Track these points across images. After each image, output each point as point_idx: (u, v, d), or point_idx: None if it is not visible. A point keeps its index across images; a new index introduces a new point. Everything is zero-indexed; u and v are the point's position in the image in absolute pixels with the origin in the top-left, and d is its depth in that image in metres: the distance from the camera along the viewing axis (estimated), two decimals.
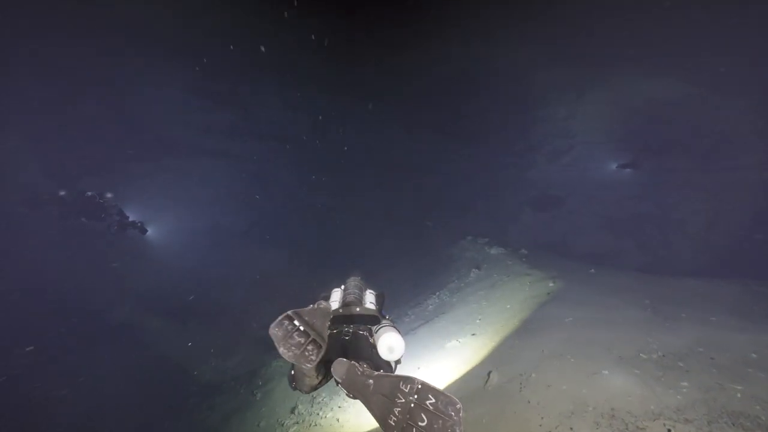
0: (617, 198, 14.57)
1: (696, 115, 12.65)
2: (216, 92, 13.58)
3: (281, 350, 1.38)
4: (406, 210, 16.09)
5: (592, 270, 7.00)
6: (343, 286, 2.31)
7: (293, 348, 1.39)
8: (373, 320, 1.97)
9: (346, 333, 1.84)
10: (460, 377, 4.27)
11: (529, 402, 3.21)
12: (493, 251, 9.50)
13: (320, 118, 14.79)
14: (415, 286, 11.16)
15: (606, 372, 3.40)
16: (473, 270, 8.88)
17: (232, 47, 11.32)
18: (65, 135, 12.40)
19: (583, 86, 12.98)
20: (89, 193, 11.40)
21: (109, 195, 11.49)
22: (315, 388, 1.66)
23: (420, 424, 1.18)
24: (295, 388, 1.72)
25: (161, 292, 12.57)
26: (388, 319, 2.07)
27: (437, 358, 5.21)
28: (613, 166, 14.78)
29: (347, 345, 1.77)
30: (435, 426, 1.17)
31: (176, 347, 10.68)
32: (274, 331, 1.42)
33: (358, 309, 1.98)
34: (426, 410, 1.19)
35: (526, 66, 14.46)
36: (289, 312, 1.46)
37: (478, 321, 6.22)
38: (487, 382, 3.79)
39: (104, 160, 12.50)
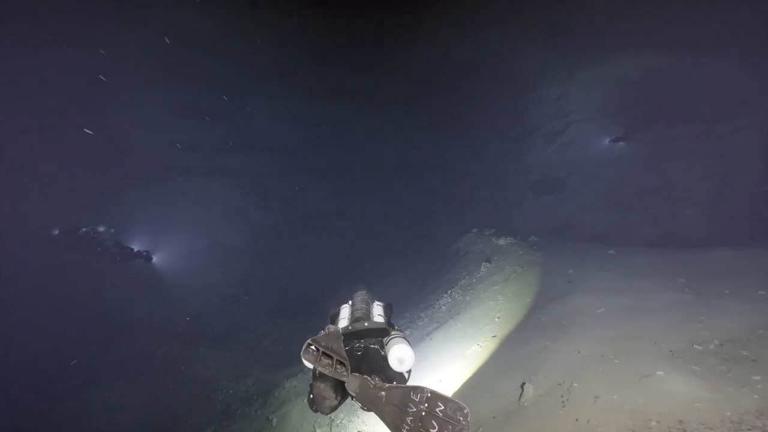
0: (620, 173, 14.01)
1: (692, 81, 12.06)
2: (201, 109, 13.07)
3: (319, 369, 1.52)
4: (406, 209, 15.56)
5: (612, 251, 6.45)
6: (350, 302, 2.30)
7: (327, 368, 1.51)
8: (382, 332, 1.98)
9: (358, 348, 1.87)
10: (486, 389, 3.74)
11: (577, 420, 2.67)
12: (502, 242, 8.95)
13: (309, 126, 14.27)
14: (424, 286, 10.62)
15: (661, 373, 2.85)
16: (484, 264, 8.33)
17: (167, 41, 10.41)
18: (50, 168, 11.93)
19: (574, 63, 12.41)
20: (83, 230, 10.96)
21: (101, 228, 11.06)
22: (335, 408, 1.69)
23: (431, 430, 1.25)
24: (316, 411, 1.74)
25: (168, 318, 12.07)
26: (397, 329, 2.08)
27: (458, 367, 4.67)
28: (606, 141, 14.25)
29: (360, 360, 1.78)
30: (445, 431, 1.23)
31: (188, 374, 10.17)
32: (306, 356, 1.55)
33: (366, 324, 1.97)
34: (436, 417, 1.26)
35: (514, 49, 13.93)
36: (309, 340, 1.57)
37: (497, 320, 5.68)
38: (521, 396, 3.25)
39: (93, 191, 12.00)
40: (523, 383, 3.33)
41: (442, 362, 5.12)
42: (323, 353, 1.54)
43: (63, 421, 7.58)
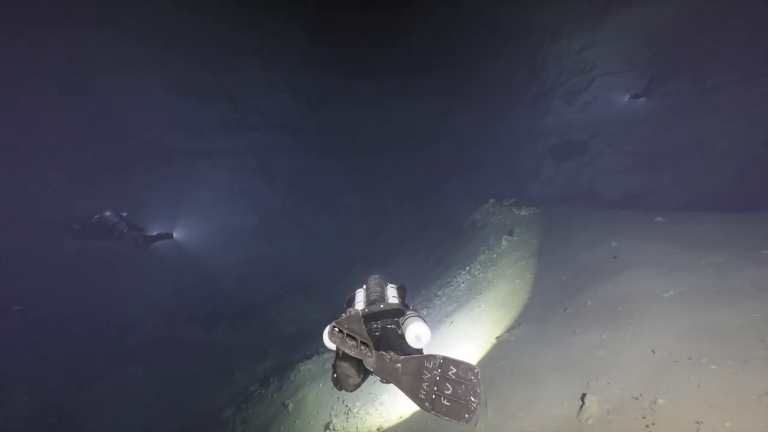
0: (649, 131, 12.54)
1: (737, 24, 10.33)
2: (199, 88, 12.09)
3: (345, 350, 1.54)
4: (417, 182, 14.55)
5: (659, 218, 5.43)
6: (365, 286, 2.29)
7: (353, 349, 1.53)
8: (398, 313, 1.95)
9: (376, 329, 1.87)
10: (531, 394, 2.96)
11: None
12: (524, 212, 7.96)
13: (310, 99, 13.17)
14: (439, 261, 9.83)
15: None
16: (505, 237, 7.42)
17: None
18: (54, 156, 11.33)
19: (603, 4, 10.77)
20: (96, 216, 10.47)
21: (108, 213, 10.52)
22: (358, 385, 1.70)
23: (446, 392, 1.32)
24: (340, 389, 1.73)
25: (184, 303, 11.74)
26: (411, 309, 2.03)
27: (488, 362, 3.90)
28: (626, 97, 12.71)
29: (379, 340, 1.78)
30: (459, 391, 1.31)
31: (206, 357, 9.88)
32: (332, 339, 1.58)
33: (382, 306, 1.96)
34: (449, 380, 1.33)
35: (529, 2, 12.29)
36: (333, 323, 1.60)
37: (527, 301, 4.85)
38: (581, 410, 2.46)
39: (98, 178, 11.40)
40: (584, 395, 2.53)
41: (469, 353, 4.37)
42: (347, 335, 1.56)
43: (84, 408, 7.36)
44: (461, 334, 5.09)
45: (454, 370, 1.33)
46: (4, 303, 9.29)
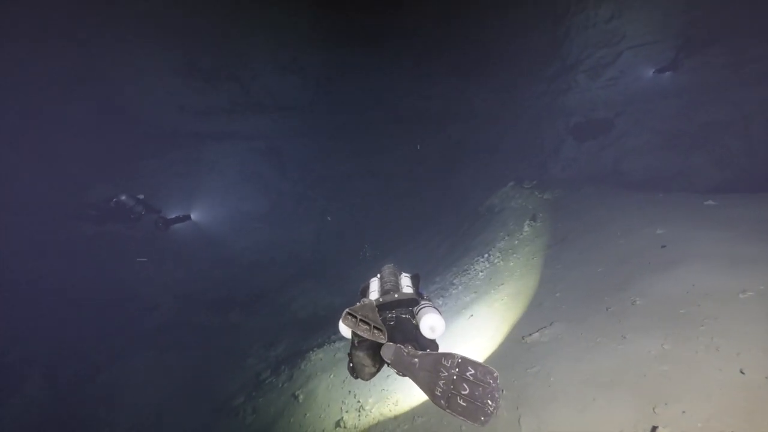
0: (680, 107, 11.41)
1: None
2: (205, 69, 11.48)
3: (359, 333, 1.54)
4: (431, 164, 13.80)
5: (711, 201, 4.68)
6: (379, 275, 2.19)
7: (366, 332, 1.52)
8: (412, 302, 1.88)
9: (390, 319, 1.81)
10: (574, 420, 2.41)
11: None
12: (548, 196, 7.23)
13: (319, 79, 12.41)
14: (455, 246, 9.24)
15: None
16: (527, 223, 6.75)
17: None
18: (63, 142, 11.06)
19: None
20: (114, 201, 10.24)
21: (123, 197, 10.26)
22: (373, 374, 1.67)
23: (463, 392, 1.27)
24: (356, 377, 1.71)
25: (198, 287, 11.58)
26: (426, 298, 1.97)
27: (517, 367, 3.35)
28: (650, 72, 11.49)
29: (393, 329, 1.72)
30: (476, 393, 1.26)
31: (219, 342, 9.72)
32: (345, 322, 1.55)
33: (396, 295, 1.90)
34: (467, 380, 1.28)
35: None
36: (347, 310, 1.58)
37: (557, 295, 4.25)
38: None
39: (107, 163, 11.10)
40: (654, 428, 1.97)
41: (492, 353, 3.84)
42: (361, 320, 1.53)
43: (98, 394, 7.27)
44: (482, 329, 4.56)
45: (473, 372, 1.29)
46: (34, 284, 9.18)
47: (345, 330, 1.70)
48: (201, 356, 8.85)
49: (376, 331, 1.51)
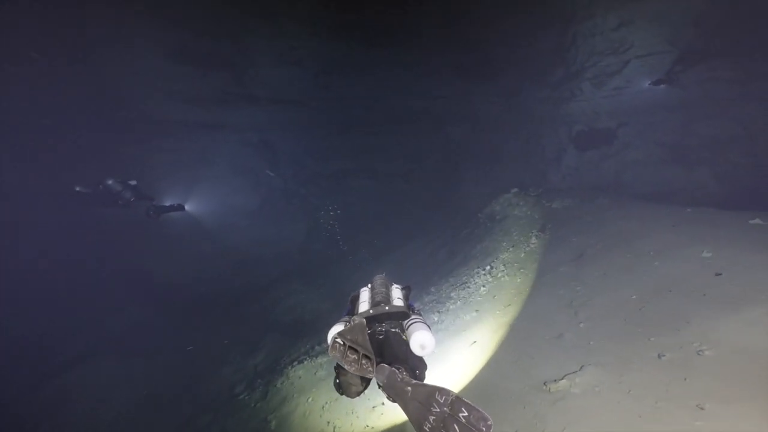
0: (686, 120, 10.72)
1: None
2: (198, 54, 10.44)
3: (345, 367, 1.43)
4: (429, 165, 12.94)
5: (757, 220, 3.89)
6: (370, 285, 2.07)
7: (353, 364, 1.43)
8: (402, 316, 1.80)
9: (380, 332, 1.72)
10: None
11: None
12: (557, 205, 6.39)
13: (318, 73, 11.46)
14: (453, 254, 8.36)
15: None
16: (534, 233, 5.91)
17: None
18: (45, 126, 9.96)
19: None
20: (101, 186, 9.20)
21: (110, 181, 9.22)
22: (360, 393, 1.61)
23: None
24: (342, 394, 1.63)
25: (176, 284, 10.51)
26: (416, 312, 1.88)
27: (539, 429, 2.46)
28: (646, 83, 10.87)
29: (382, 344, 1.66)
30: None
31: (194, 347, 8.68)
32: (333, 353, 1.46)
33: (387, 308, 1.80)
34: (458, 422, 1.17)
35: None
36: (335, 335, 1.49)
37: (581, 326, 3.40)
38: None
39: (92, 147, 10.00)
40: None
41: (506, 405, 2.94)
42: (349, 347, 1.44)
43: (43, 405, 6.19)
44: (487, 362, 3.67)
45: (465, 414, 1.16)
46: None
47: (335, 359, 1.51)
48: (171, 363, 7.80)
49: (364, 362, 1.43)
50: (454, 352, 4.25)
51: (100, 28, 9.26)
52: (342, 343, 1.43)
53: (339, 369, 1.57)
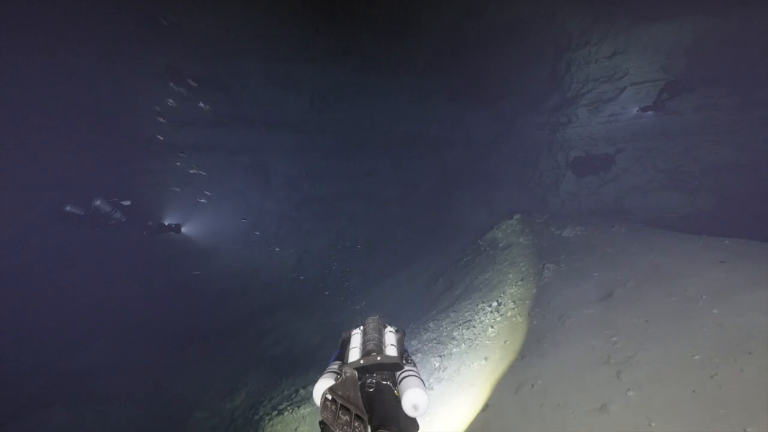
0: (686, 146, 10.31)
1: None
2: (191, 76, 10.00)
3: (337, 430, 1.32)
4: (425, 190, 12.29)
5: None
6: (362, 327, 1.87)
7: (345, 427, 1.31)
8: (395, 367, 1.64)
9: (370, 385, 1.57)
10: None
11: None
12: (568, 233, 5.65)
13: (314, 96, 11.05)
14: (452, 285, 7.49)
15: None
16: (546, 265, 5.12)
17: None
18: (34, 144, 9.27)
19: (638, 16, 8.73)
20: (97, 202, 8.49)
21: (98, 202, 8.52)
22: None
23: None
24: None
25: (150, 315, 9.40)
26: (410, 361, 1.72)
27: None
28: (634, 110, 10.62)
29: (373, 398, 1.52)
30: None
31: (164, 389, 7.50)
32: (325, 415, 1.36)
33: (379, 358, 1.63)
34: None
35: (555, 4, 10.32)
36: (326, 391, 1.39)
37: (630, 394, 2.55)
38: None
39: (76, 168, 9.26)
40: None
41: None
42: (341, 408, 1.33)
43: None
44: None
45: None
46: None
47: (321, 413, 1.34)
48: (131, 413, 6.61)
49: (357, 424, 1.30)
50: (462, 413, 3.32)
51: (91, 47, 8.83)
52: (333, 400, 1.34)
53: (324, 426, 1.42)
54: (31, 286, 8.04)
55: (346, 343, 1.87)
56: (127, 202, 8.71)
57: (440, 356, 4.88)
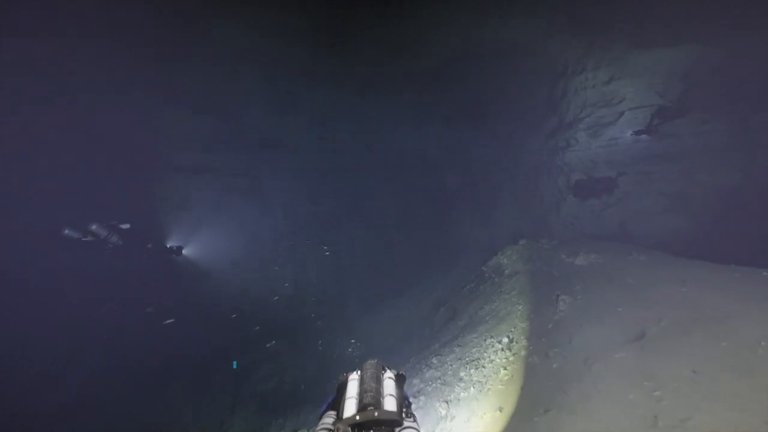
0: (688, 169, 10.07)
1: None
2: (189, 96, 9.84)
3: None
4: (424, 213, 11.90)
5: None
6: (359, 373, 1.72)
7: None
8: (394, 424, 1.47)
9: None
10: None
11: None
12: (581, 261, 5.17)
13: (313, 117, 10.88)
14: (455, 315, 6.89)
15: None
16: (560, 296, 4.61)
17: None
18: (31, 165, 8.91)
19: (634, 44, 8.78)
20: (93, 227, 7.99)
21: (93, 227, 8.03)
22: None
23: None
24: None
25: (132, 345, 8.65)
26: (410, 415, 1.59)
27: None
28: (629, 133, 10.53)
29: None
30: None
31: (144, 427, 6.68)
32: None
33: (376, 414, 1.46)
34: None
35: (551, 34, 10.42)
36: None
37: None
38: None
39: (78, 191, 8.85)
40: None
41: None
42: None
43: None
44: None
45: None
46: None
47: None
48: None
49: None
50: None
51: (89, 69, 8.67)
52: None
53: None
54: (24, 306, 7.38)
55: (342, 388, 1.73)
56: (126, 225, 8.22)
57: (446, 402, 4.25)
